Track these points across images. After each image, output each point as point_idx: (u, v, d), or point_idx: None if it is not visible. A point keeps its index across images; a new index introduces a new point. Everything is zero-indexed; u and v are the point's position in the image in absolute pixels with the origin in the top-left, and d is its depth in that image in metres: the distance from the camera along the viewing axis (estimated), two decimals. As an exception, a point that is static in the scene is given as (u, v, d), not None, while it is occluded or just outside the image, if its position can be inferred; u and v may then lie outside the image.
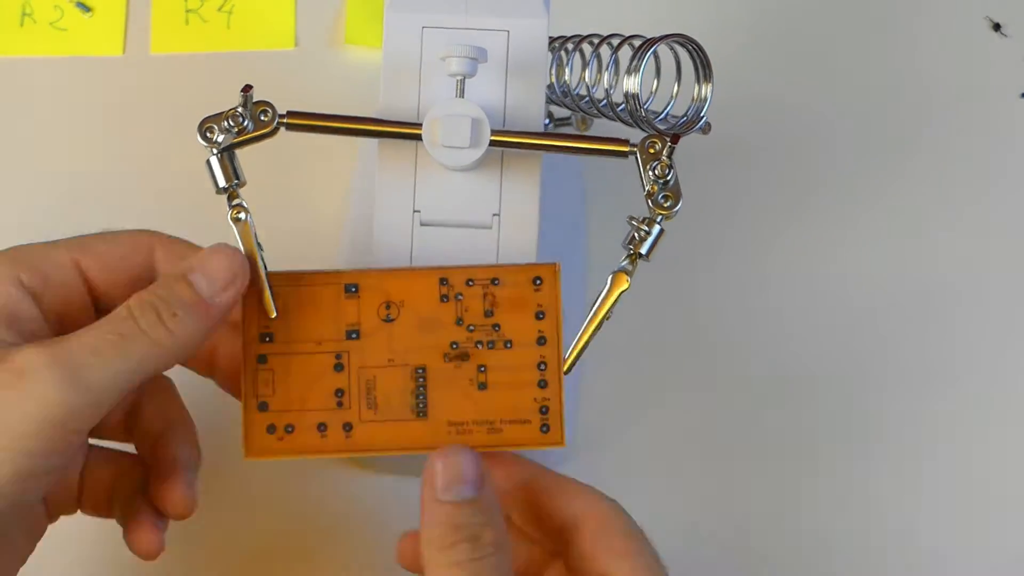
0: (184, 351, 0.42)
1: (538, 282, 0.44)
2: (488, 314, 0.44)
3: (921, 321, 0.62)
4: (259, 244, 0.44)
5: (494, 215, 0.47)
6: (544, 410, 0.44)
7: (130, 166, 0.64)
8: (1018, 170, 0.65)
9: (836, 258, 0.63)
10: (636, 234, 0.44)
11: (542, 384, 0.44)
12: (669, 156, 0.43)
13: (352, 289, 0.44)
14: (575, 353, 0.44)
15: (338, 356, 0.44)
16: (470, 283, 0.44)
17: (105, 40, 0.66)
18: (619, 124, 0.49)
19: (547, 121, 0.58)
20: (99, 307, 0.45)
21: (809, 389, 0.60)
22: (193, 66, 0.66)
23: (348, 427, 0.44)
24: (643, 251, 0.44)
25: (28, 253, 0.44)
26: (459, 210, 0.47)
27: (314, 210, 0.62)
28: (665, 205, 0.43)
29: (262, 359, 0.44)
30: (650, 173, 0.43)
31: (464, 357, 0.44)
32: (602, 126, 0.52)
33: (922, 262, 0.63)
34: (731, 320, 0.61)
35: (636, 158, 0.44)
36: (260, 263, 0.44)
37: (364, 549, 0.57)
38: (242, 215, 0.44)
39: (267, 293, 0.44)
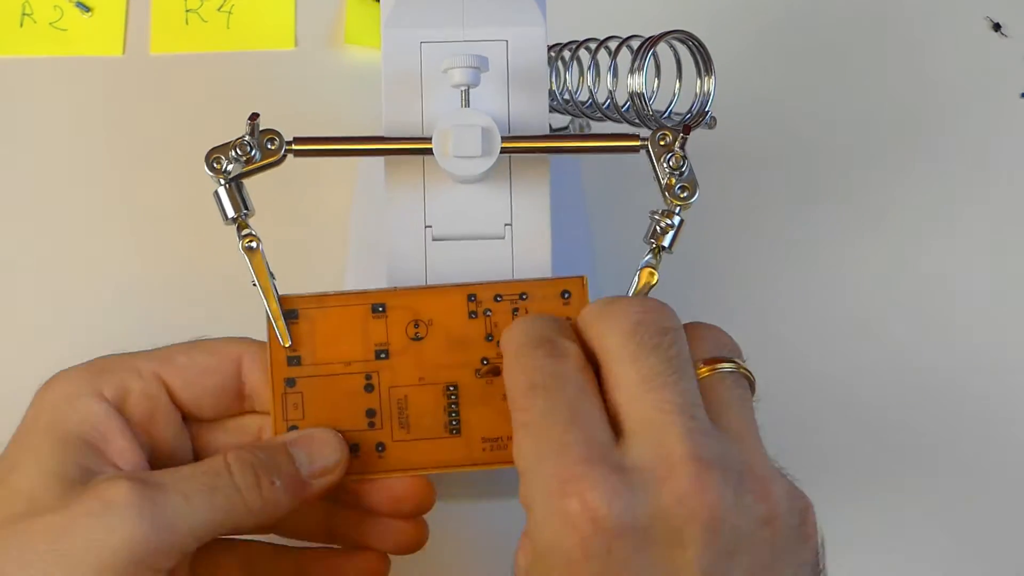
0: (268, 519, 0.42)
1: (566, 295, 0.44)
2: None
3: (920, 323, 0.62)
4: (271, 273, 0.44)
5: (506, 225, 0.47)
6: None
7: (129, 166, 0.63)
8: (1019, 170, 0.64)
9: (833, 259, 0.63)
10: (657, 227, 0.44)
11: None
12: (682, 147, 0.43)
13: (379, 309, 0.44)
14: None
15: (368, 376, 0.44)
16: (498, 299, 0.44)
17: (105, 40, 0.66)
18: (620, 126, 0.49)
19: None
20: (185, 418, 0.45)
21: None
22: (193, 66, 0.65)
23: (381, 447, 0.43)
24: (666, 244, 0.44)
25: (110, 366, 0.44)
26: (471, 222, 0.47)
27: (314, 228, 0.61)
28: (682, 196, 0.43)
29: (290, 382, 0.44)
30: (664, 166, 0.43)
31: (495, 372, 0.43)
32: (602, 129, 0.52)
33: (921, 263, 0.63)
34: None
35: (648, 152, 0.44)
36: (273, 292, 0.44)
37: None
38: (254, 244, 0.44)
39: (281, 322, 0.44)
